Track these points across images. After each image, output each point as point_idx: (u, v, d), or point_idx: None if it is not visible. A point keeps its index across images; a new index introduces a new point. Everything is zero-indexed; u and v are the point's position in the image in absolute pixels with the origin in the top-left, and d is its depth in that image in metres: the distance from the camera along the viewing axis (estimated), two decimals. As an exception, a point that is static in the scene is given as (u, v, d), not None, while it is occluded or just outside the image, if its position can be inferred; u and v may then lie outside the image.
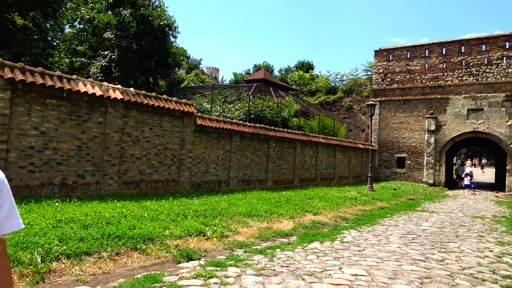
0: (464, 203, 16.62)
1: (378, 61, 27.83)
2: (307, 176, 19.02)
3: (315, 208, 10.96)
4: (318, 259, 5.70)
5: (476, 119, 24.25)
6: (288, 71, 52.13)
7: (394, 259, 5.95)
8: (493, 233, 9.01)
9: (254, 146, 15.39)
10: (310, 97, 34.21)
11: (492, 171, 43.08)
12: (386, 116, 27.25)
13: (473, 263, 6.03)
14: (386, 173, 27.16)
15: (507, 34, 24.00)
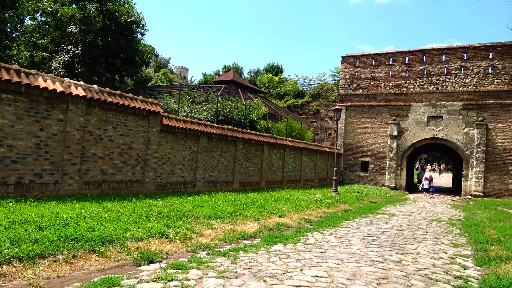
0: (423, 206, 17.31)
1: (345, 67, 28.52)
2: (274, 178, 19.16)
3: (280, 211, 11.07)
4: (280, 261, 5.75)
5: (436, 126, 25.36)
6: (257, 74, 52.38)
7: (354, 261, 6.10)
8: (448, 236, 9.43)
9: (222, 147, 15.33)
10: (279, 100, 34.54)
11: (450, 176, 45.16)
12: (352, 121, 27.95)
13: (428, 264, 6.29)
14: (351, 177, 27.84)
15: (465, 46, 25.29)
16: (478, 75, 24.50)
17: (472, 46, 24.95)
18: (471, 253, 7.52)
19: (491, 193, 23.72)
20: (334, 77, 35.02)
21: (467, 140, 24.54)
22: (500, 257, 6.84)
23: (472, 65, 24.70)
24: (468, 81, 24.72)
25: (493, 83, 24.12)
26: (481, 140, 23.89)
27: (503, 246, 7.82)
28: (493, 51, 24.32)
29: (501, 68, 23.96)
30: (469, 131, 24.48)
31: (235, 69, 53.86)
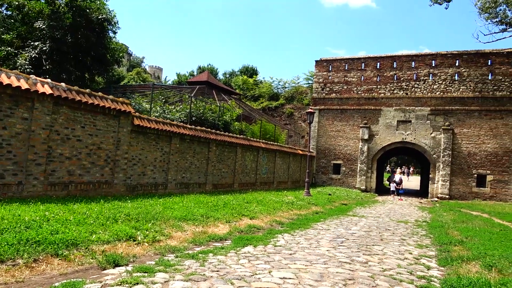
0: (391, 208, 17.76)
1: (318, 70, 28.94)
2: (247, 180, 19.16)
3: (252, 212, 11.07)
4: (249, 263, 5.75)
5: (405, 130, 26.12)
6: (232, 75, 52.31)
7: (322, 262, 6.19)
8: (414, 237, 9.72)
9: (194, 149, 15.20)
10: (253, 102, 34.63)
11: (418, 179, 46.57)
12: (325, 124, 28.37)
13: (394, 264, 6.46)
14: (323, 179, 28.23)
15: (434, 53, 26.21)
16: (445, 81, 25.42)
17: (440, 54, 25.87)
18: (435, 253, 7.77)
19: (456, 195, 24.63)
20: (308, 80, 35.46)
21: (434, 144, 25.40)
22: (462, 257, 7.11)
23: (440, 72, 25.61)
24: (436, 87, 25.61)
25: (459, 90, 25.10)
26: (447, 144, 24.79)
27: (465, 247, 8.12)
28: (460, 59, 25.32)
29: (467, 75, 24.96)
30: (436, 136, 25.35)
31: (210, 70, 53.57)
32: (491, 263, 6.46)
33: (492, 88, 24.38)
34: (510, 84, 24.00)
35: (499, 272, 6.01)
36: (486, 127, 24.30)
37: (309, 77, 35.26)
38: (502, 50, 24.58)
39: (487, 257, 6.93)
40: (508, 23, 24.35)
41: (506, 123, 23.91)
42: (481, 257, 6.94)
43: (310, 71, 35.84)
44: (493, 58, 24.57)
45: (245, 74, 46.34)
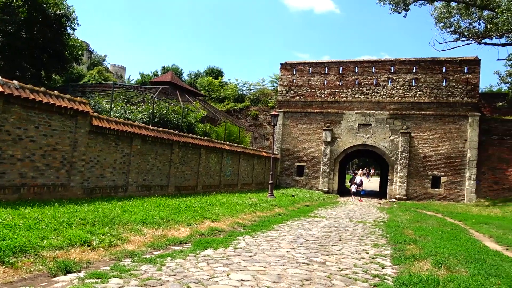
0: (352, 209, 18.25)
1: (283, 73, 29.29)
2: (211, 182, 19.04)
3: (214, 215, 11.01)
4: (208, 266, 5.72)
5: (365, 133, 26.95)
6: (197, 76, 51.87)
7: (281, 263, 6.26)
8: (371, 237, 10.04)
9: (157, 150, 14.92)
10: (218, 103, 34.50)
11: (378, 180, 48.15)
12: (289, 127, 28.74)
13: (350, 264, 6.64)
14: (287, 181, 28.57)
15: (393, 60, 27.25)
16: (403, 87, 26.49)
17: (398, 60, 26.94)
18: (390, 252, 8.06)
19: (413, 196, 25.70)
20: (273, 83, 35.77)
21: (392, 147, 26.38)
22: (414, 255, 7.42)
23: (398, 78, 26.66)
24: (394, 92, 26.63)
25: (416, 95, 26.23)
26: (405, 147, 25.82)
27: (418, 246, 8.48)
28: (417, 66, 26.48)
29: (423, 81, 26.14)
30: (395, 139, 26.35)
31: (175, 71, 52.84)
32: (441, 260, 6.79)
33: (446, 94, 25.67)
34: (463, 90, 25.38)
35: (448, 269, 6.33)
36: (441, 131, 25.54)
37: (274, 80, 35.59)
38: (456, 58, 25.96)
39: (437, 255, 7.27)
40: (461, 33, 25.77)
41: (458, 127, 25.24)
42: (432, 255, 7.27)
43: (275, 74, 36.18)
44: (447, 65, 25.87)
45: (210, 75, 46.11)
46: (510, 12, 17.61)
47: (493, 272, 6.03)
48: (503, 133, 24.82)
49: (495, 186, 24.70)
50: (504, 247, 9.11)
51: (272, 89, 34.53)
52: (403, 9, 24.44)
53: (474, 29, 25.08)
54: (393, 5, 24.71)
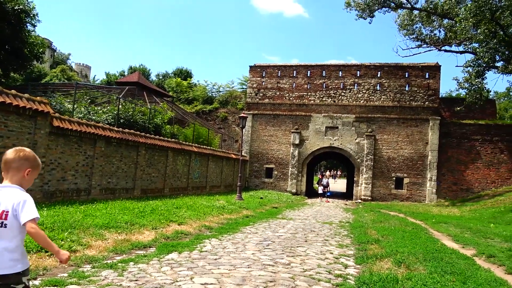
0: (318, 210, 18.55)
1: (252, 76, 29.40)
2: (178, 185, 18.79)
3: (181, 218, 10.88)
4: (171, 270, 5.64)
5: (333, 136, 27.50)
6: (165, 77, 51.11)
7: (246, 266, 6.26)
8: (336, 237, 10.24)
9: (122, 152, 14.57)
10: (187, 105, 34.13)
11: (345, 182, 49.21)
12: (258, 129, 28.86)
13: (315, 265, 6.74)
14: (256, 183, 28.66)
15: (359, 64, 27.99)
16: (369, 91, 27.26)
17: (364, 65, 27.70)
18: (353, 252, 8.26)
19: (378, 197, 26.45)
20: (243, 85, 35.83)
21: (358, 149, 27.07)
22: (376, 255, 7.63)
23: (364, 82, 27.40)
24: (360, 96, 27.35)
25: (381, 99, 27.06)
26: (370, 149, 26.56)
27: (380, 245, 8.72)
28: (381, 71, 27.32)
29: (387, 86, 27.00)
30: (360, 141, 27.04)
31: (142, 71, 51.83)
32: (401, 259, 7.02)
33: (409, 98, 26.64)
34: (424, 95, 26.42)
35: (407, 268, 6.55)
36: (404, 134, 26.47)
37: (244, 82, 35.67)
38: (418, 64, 27.00)
39: (398, 254, 7.51)
40: (423, 39, 26.90)
41: (420, 131, 26.25)
42: (393, 254, 7.50)
43: (244, 76, 36.27)
44: (410, 71, 26.87)
45: (179, 76, 45.53)
46: (468, 21, 18.54)
47: (449, 270, 6.30)
48: (461, 136, 26.05)
49: (454, 187, 25.85)
50: (461, 245, 9.53)
51: (242, 91, 34.57)
52: (368, 15, 25.21)
53: (435, 36, 26.25)
54: (359, 11, 25.44)
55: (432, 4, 24.69)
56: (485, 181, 25.40)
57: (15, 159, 2.55)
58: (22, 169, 2.56)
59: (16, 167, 2.55)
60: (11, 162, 2.54)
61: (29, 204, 2.44)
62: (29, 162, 2.60)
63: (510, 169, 25.20)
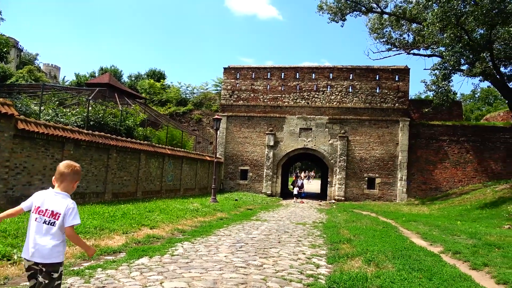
0: (293, 211, 18.68)
1: (226, 77, 29.34)
2: (151, 188, 18.49)
3: (153, 222, 10.71)
4: (141, 275, 5.53)
5: (307, 137, 27.79)
6: (138, 78, 50.18)
7: (218, 268, 6.22)
8: (309, 237, 10.33)
9: (92, 155, 14.21)
10: (160, 107, 33.66)
11: (319, 183, 49.80)
12: (233, 131, 28.80)
13: (287, 265, 6.77)
14: (231, 185, 28.57)
15: (331, 67, 28.43)
16: (341, 93, 27.73)
17: (336, 67, 28.16)
18: (325, 252, 8.35)
19: (351, 197, 26.92)
20: (217, 87, 35.68)
21: (332, 150, 27.47)
22: (348, 254, 7.75)
23: (337, 84, 27.86)
24: (333, 98, 27.78)
25: (353, 101, 27.58)
26: (343, 150, 27.00)
27: (352, 244, 8.87)
28: (353, 73, 27.86)
29: (359, 88, 27.55)
30: (334, 142, 27.46)
31: (114, 72, 50.71)
32: (371, 258, 7.16)
33: (379, 100, 27.28)
34: (394, 97, 27.12)
35: (377, 266, 6.69)
36: (375, 135, 27.07)
37: (218, 84, 35.53)
38: (388, 67, 27.71)
39: (368, 252, 7.65)
40: (393, 43, 27.61)
41: (390, 132, 26.92)
42: (363, 253, 7.64)
43: (218, 78, 36.13)
44: (380, 73, 27.53)
45: (152, 77, 44.79)
46: (435, 26, 19.16)
47: (416, 267, 6.48)
48: (430, 137, 26.91)
49: (423, 186, 26.65)
50: (429, 243, 9.82)
51: (216, 93, 34.42)
52: (340, 19, 25.65)
53: (404, 40, 27.00)
54: (331, 15, 25.85)
55: (401, 9, 25.40)
56: (453, 180, 26.33)
57: (70, 173, 3.21)
58: (73, 181, 3.26)
59: (70, 180, 3.22)
60: (66, 175, 3.19)
61: (75, 212, 3.11)
62: (79, 176, 3.30)
63: (476, 168, 26.24)
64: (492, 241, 9.44)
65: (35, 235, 3.00)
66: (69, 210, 3.05)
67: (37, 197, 3.11)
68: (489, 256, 7.67)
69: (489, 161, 26.16)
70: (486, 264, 7.04)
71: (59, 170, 3.19)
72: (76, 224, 3.09)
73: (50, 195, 3.12)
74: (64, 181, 3.18)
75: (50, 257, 2.98)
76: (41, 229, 3.01)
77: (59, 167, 3.21)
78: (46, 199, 3.09)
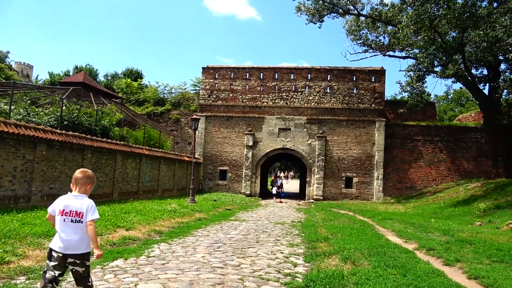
0: (272, 211, 18.72)
1: (205, 77, 29.16)
2: (128, 189, 18.16)
3: (129, 223, 10.50)
4: (115, 278, 5.41)
5: (285, 137, 27.93)
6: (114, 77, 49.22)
7: (195, 269, 6.15)
8: (287, 237, 10.36)
9: (66, 156, 13.83)
10: (138, 107, 33.13)
11: (297, 182, 50.15)
12: (212, 131, 28.65)
13: (264, 265, 6.76)
14: (210, 185, 28.40)
15: (309, 68, 28.68)
16: (319, 93, 28.02)
17: (314, 68, 28.44)
18: (303, 251, 8.39)
19: (329, 196, 27.22)
20: (195, 87, 35.40)
21: (310, 150, 27.71)
22: (325, 252, 7.82)
23: (315, 85, 28.12)
24: (311, 98, 28.03)
25: (331, 101, 27.90)
26: (321, 150, 27.28)
27: (329, 243, 8.95)
28: (331, 74, 28.19)
29: (336, 89, 27.91)
30: (312, 143, 27.71)
31: (89, 71, 49.58)
32: (348, 256, 7.25)
33: (356, 101, 27.71)
34: (371, 97, 27.61)
35: (353, 263, 6.77)
36: (352, 135, 27.48)
37: (196, 84, 35.25)
38: (365, 68, 28.19)
39: (345, 250, 7.74)
40: (369, 45, 28.11)
41: (367, 132, 27.39)
42: (340, 251, 7.73)
43: (197, 78, 35.84)
44: (357, 74, 27.97)
45: (129, 77, 44.02)
46: (409, 29, 19.63)
47: (391, 263, 6.59)
48: (405, 136, 27.53)
49: (399, 185, 27.24)
50: (404, 240, 10.02)
51: (194, 92, 34.15)
52: (318, 20, 25.94)
53: (380, 42, 27.54)
54: (309, 16, 26.10)
55: (377, 11, 25.91)
56: (427, 179, 27.01)
57: (82, 177, 3.75)
58: (86, 184, 3.76)
59: (82, 183, 3.74)
60: (79, 179, 3.74)
61: (94, 208, 3.67)
62: (91, 180, 3.80)
63: (449, 167, 27.01)
64: (464, 237, 9.71)
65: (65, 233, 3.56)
66: (89, 207, 3.63)
67: (59, 202, 3.66)
68: (461, 252, 7.89)
69: (462, 160, 26.99)
70: (458, 260, 7.23)
71: (74, 176, 3.76)
72: (95, 218, 3.64)
73: (70, 198, 3.67)
74: (78, 185, 3.73)
75: (81, 249, 3.59)
76: (69, 227, 3.56)
77: (75, 173, 3.78)
78: (68, 202, 3.64)
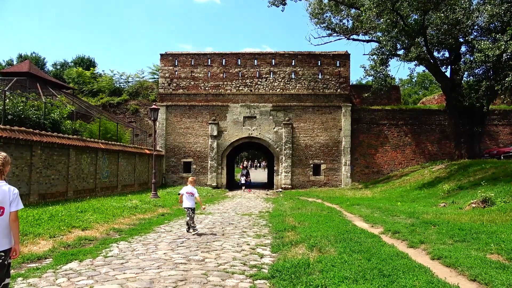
0: (239, 202, 18.19)
1: (164, 65, 27.94)
2: (84, 186, 16.98)
3: (85, 223, 9.71)
4: (68, 281, 4.93)
5: (251, 126, 27.38)
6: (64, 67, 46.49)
7: (156, 267, 5.71)
8: (254, 228, 9.90)
9: (12, 153, 12.55)
10: (91, 98, 31.28)
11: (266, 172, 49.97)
12: (173, 121, 27.59)
13: (230, 258, 6.36)
14: (174, 178, 27.44)
15: (273, 53, 28.15)
16: (284, 79, 27.61)
17: (278, 53, 27.94)
18: (270, 241, 7.98)
19: (297, 185, 27.05)
20: (154, 75, 33.87)
21: (277, 138, 27.35)
22: (292, 241, 7.46)
23: (279, 71, 27.67)
24: (276, 84, 27.58)
25: (296, 87, 27.59)
26: (288, 138, 26.99)
27: (296, 232, 8.57)
28: (295, 59, 27.81)
29: (301, 74, 27.60)
30: (278, 130, 27.35)
31: (35, 60, 46.59)
32: (314, 243, 6.94)
33: (322, 86, 27.55)
34: (336, 82, 27.53)
35: (319, 251, 6.47)
36: (319, 121, 27.36)
37: (155, 72, 33.73)
38: (329, 52, 28.01)
39: (311, 238, 7.41)
40: (333, 28, 27.83)
41: (334, 117, 27.36)
42: (307, 240, 7.40)
43: (155, 65, 34.26)
44: (322, 59, 27.75)
45: (80, 65, 41.51)
46: (372, 11, 19.44)
47: (357, 249, 6.36)
48: (371, 121, 27.75)
49: (366, 170, 27.49)
50: (370, 225, 9.82)
51: (153, 81, 32.70)
52: (281, 3, 25.31)
53: (343, 25, 27.33)
54: (271, -2, 25.40)
55: (339, -6, 25.61)
56: (393, 162, 27.44)
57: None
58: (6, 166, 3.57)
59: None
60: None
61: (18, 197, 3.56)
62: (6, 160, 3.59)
63: (414, 150, 27.56)
64: (428, 219, 9.63)
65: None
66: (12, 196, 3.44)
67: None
68: (426, 234, 7.77)
69: (426, 143, 27.60)
70: (422, 241, 7.12)
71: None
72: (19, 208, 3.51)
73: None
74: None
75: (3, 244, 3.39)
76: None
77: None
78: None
